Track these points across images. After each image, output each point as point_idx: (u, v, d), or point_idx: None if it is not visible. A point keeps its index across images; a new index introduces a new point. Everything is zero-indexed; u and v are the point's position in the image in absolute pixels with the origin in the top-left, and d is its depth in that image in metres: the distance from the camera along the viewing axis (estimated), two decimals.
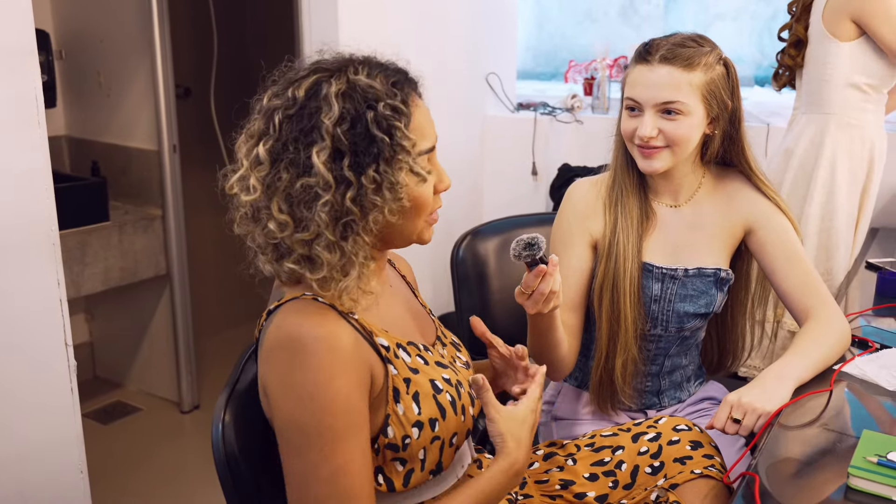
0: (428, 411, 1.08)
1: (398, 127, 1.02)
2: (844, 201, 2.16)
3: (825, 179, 2.16)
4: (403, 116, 1.03)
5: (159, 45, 2.75)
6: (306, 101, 1.02)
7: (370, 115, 1.01)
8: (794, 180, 2.20)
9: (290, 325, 1.01)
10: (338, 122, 1.00)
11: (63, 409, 1.70)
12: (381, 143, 1.01)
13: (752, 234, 1.54)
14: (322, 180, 0.99)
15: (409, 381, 1.08)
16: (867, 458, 1.06)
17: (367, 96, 1.02)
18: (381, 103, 1.02)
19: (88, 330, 3.29)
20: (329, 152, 1.00)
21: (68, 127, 3.15)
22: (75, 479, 1.75)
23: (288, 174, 1.01)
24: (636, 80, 1.45)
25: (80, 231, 2.65)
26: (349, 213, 1.01)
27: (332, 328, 1.01)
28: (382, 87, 1.03)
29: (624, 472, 1.33)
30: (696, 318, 1.54)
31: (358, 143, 1.00)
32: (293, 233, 1.01)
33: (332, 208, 1.00)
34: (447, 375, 1.13)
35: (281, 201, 1.01)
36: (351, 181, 1.00)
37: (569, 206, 1.57)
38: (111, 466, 2.61)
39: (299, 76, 1.05)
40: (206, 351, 3.26)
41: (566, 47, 3.43)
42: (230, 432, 1.14)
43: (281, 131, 1.02)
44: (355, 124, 1.00)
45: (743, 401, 1.27)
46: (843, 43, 2.10)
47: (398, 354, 1.09)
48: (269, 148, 1.02)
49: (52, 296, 1.65)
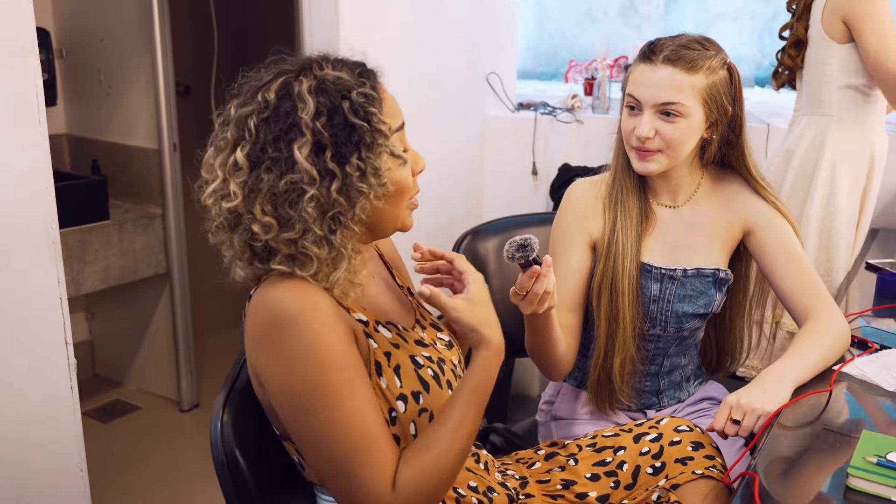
0: (410, 384, 1.09)
1: (374, 112, 1.04)
2: (845, 203, 2.16)
3: (826, 181, 2.15)
4: (377, 101, 1.05)
5: (160, 43, 2.75)
6: (279, 102, 1.03)
7: (346, 104, 1.03)
8: (794, 181, 2.20)
9: (266, 300, 1.03)
10: (315, 116, 1.02)
11: (63, 408, 1.70)
12: (361, 129, 1.03)
13: (751, 235, 1.54)
14: (306, 175, 1.01)
15: (389, 355, 1.10)
16: (866, 459, 1.06)
17: (339, 88, 1.04)
18: (353, 92, 1.04)
19: (88, 328, 3.29)
20: (310, 147, 1.01)
21: (69, 125, 3.15)
22: (75, 477, 1.75)
23: (270, 175, 1.02)
24: (638, 79, 1.45)
25: (80, 229, 2.65)
26: (336, 205, 1.02)
27: (308, 292, 1.03)
28: (351, 77, 1.06)
29: (625, 472, 1.33)
30: (694, 319, 1.54)
31: (338, 133, 1.02)
32: (279, 233, 1.02)
33: (318, 202, 1.01)
34: (427, 354, 1.15)
35: (264, 203, 1.02)
36: (335, 173, 1.02)
37: (568, 206, 1.57)
38: (111, 465, 2.61)
39: (265, 81, 1.06)
40: (206, 350, 3.26)
41: (566, 47, 3.43)
42: (229, 431, 1.15)
43: (258, 135, 1.03)
44: (333, 116, 1.02)
45: (742, 402, 1.27)
46: (839, 45, 2.09)
47: (377, 329, 1.11)
48: (248, 152, 1.03)
49: (52, 294, 1.65)
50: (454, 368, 1.19)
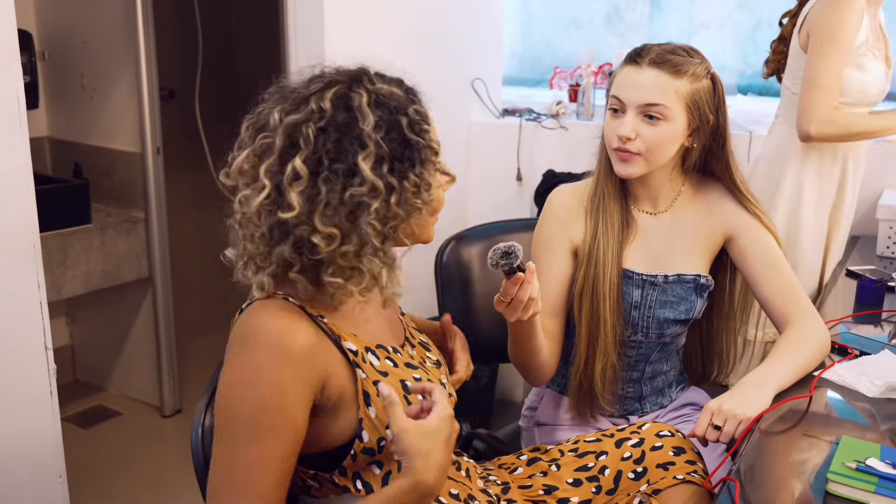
0: None
1: (427, 130, 1.06)
2: (811, 217, 2.12)
3: (791, 193, 2.11)
4: (429, 120, 1.08)
5: (143, 46, 2.73)
6: (335, 112, 1.02)
7: (404, 121, 1.04)
8: (761, 188, 2.16)
9: (251, 319, 1.03)
10: (375, 129, 1.02)
11: (42, 413, 1.69)
12: (417, 146, 1.04)
13: (732, 242, 1.55)
14: (370, 187, 1.00)
15: (378, 385, 1.07)
16: (846, 464, 1.07)
17: (396, 104, 1.04)
18: (409, 109, 1.05)
19: (69, 333, 3.26)
20: (374, 159, 1.01)
21: (51, 128, 3.13)
22: (54, 484, 1.73)
23: (328, 185, 1.00)
24: (623, 81, 1.46)
25: (61, 233, 2.62)
26: (396, 218, 1.03)
27: (290, 324, 1.02)
28: (402, 93, 1.07)
29: (607, 477, 1.33)
30: (676, 325, 1.54)
31: (396, 148, 1.03)
32: (340, 245, 1.01)
33: (379, 215, 1.01)
34: (418, 375, 1.14)
35: (324, 214, 1.00)
36: (394, 186, 1.02)
37: (550, 212, 1.58)
38: (91, 471, 2.59)
39: (314, 89, 1.04)
40: (189, 355, 3.24)
41: (552, 54, 3.45)
42: (210, 436, 1.14)
43: (316, 144, 1.01)
44: (391, 131, 1.03)
45: (724, 408, 1.28)
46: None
47: (366, 358, 1.09)
48: (305, 160, 1.00)
49: (32, 298, 1.64)
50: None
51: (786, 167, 2.11)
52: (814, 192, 2.11)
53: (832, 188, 2.13)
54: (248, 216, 1.03)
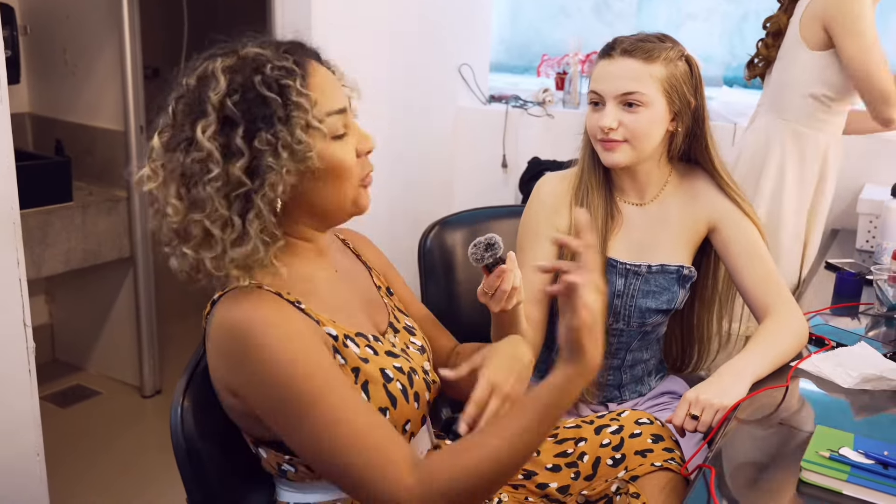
0: (377, 401, 1.07)
1: (290, 85, 1.01)
2: (792, 205, 2.15)
3: (773, 181, 2.15)
4: (296, 75, 1.02)
5: (128, 22, 2.70)
6: (197, 83, 1.02)
7: (258, 78, 1.00)
8: (744, 177, 2.18)
9: (232, 316, 1.01)
10: (226, 94, 0.99)
11: (20, 391, 1.68)
12: (274, 103, 1.00)
13: (715, 232, 1.56)
14: (207, 154, 0.99)
15: (357, 371, 1.07)
16: (819, 453, 1.09)
17: (255, 63, 1.01)
18: (267, 66, 1.01)
19: (48, 311, 3.23)
20: (215, 126, 0.99)
21: (32, 104, 3.09)
22: (31, 462, 1.72)
23: (181, 156, 1.01)
24: (599, 74, 1.48)
25: (41, 211, 2.60)
26: (241, 185, 0.99)
27: (274, 308, 1.01)
28: (272, 53, 1.03)
29: (586, 463, 1.34)
30: (657, 314, 1.56)
31: (251, 109, 1.00)
32: (187, 213, 1.01)
33: (223, 182, 0.99)
34: (398, 364, 1.13)
35: (177, 185, 1.01)
36: (242, 151, 0.99)
37: (537, 200, 1.58)
38: (69, 451, 2.58)
39: (192, 66, 1.05)
40: (169, 335, 3.22)
41: (539, 41, 3.44)
42: (189, 417, 1.14)
43: (175, 118, 1.03)
44: (245, 93, 1.00)
45: (701, 398, 1.29)
46: (811, 51, 2.07)
47: (346, 344, 1.08)
48: (167, 138, 1.03)
49: (11, 275, 1.62)
50: (425, 376, 1.17)
51: (770, 155, 2.14)
52: (795, 179, 2.14)
53: (814, 177, 2.16)
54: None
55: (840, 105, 2.13)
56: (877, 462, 1.07)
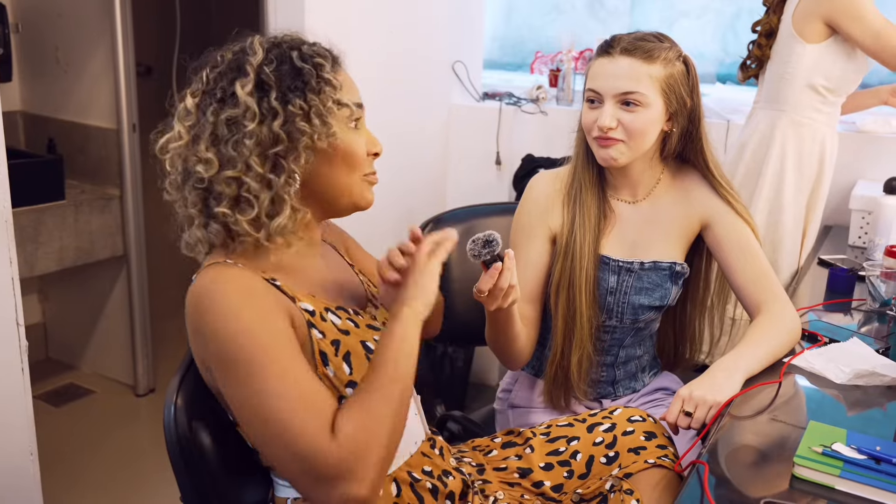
0: (360, 370, 1.09)
1: (323, 64, 1.07)
2: (792, 197, 2.19)
3: (774, 175, 2.19)
4: (328, 58, 1.09)
5: (120, 21, 2.69)
6: (233, 56, 1.07)
7: (295, 53, 1.06)
8: (745, 173, 2.23)
9: (202, 284, 1.04)
10: (263, 62, 1.05)
11: (13, 390, 1.67)
12: (308, 74, 1.05)
13: (708, 229, 1.57)
14: (247, 110, 1.02)
15: (338, 343, 1.09)
16: (812, 448, 1.09)
17: (292, 42, 1.08)
18: (304, 45, 1.08)
19: (41, 310, 3.22)
20: (252, 85, 1.03)
21: (24, 102, 3.08)
22: (25, 462, 1.71)
23: (214, 114, 1.04)
24: (597, 72, 1.47)
25: (34, 209, 2.59)
26: (278, 142, 1.03)
27: (237, 276, 1.04)
28: (302, 39, 1.11)
29: (579, 461, 1.34)
30: (650, 311, 1.56)
31: (284, 77, 1.05)
32: (219, 170, 1.03)
33: (258, 138, 1.02)
34: (379, 336, 1.13)
35: (207, 141, 1.03)
36: (277, 111, 1.03)
37: (530, 198, 1.58)
38: (63, 450, 2.57)
39: (227, 46, 1.10)
40: (163, 334, 3.22)
41: (533, 38, 3.44)
42: (183, 415, 1.13)
43: (208, 82, 1.06)
44: (281, 64, 1.05)
45: (694, 395, 1.30)
46: (808, 44, 2.11)
47: (326, 317, 1.10)
48: (198, 100, 1.06)
49: (3, 274, 1.61)
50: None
51: (771, 147, 2.18)
52: (795, 171, 2.18)
53: (813, 167, 2.20)
54: (160, 159, 1.09)
55: (836, 96, 2.18)
56: (869, 457, 1.07)
